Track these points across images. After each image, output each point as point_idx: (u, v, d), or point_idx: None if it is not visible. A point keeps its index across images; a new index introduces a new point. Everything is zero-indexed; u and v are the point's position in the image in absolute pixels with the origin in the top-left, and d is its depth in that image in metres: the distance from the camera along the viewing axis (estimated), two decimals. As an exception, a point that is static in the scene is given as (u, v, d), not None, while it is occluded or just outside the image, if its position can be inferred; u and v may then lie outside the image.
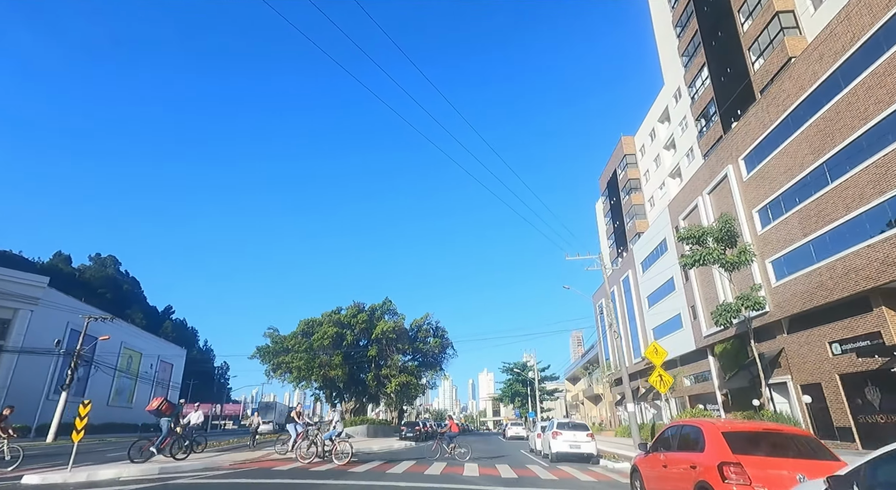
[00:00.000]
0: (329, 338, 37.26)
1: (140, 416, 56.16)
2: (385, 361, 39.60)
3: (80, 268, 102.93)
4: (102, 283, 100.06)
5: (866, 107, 16.32)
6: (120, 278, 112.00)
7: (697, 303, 29.27)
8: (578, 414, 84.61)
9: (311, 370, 36.12)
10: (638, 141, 43.69)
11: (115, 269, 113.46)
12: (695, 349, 30.46)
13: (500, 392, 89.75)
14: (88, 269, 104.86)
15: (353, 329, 38.96)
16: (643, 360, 36.21)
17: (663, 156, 38.48)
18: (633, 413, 22.21)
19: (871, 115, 16.11)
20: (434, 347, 41.90)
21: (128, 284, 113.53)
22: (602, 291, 53.21)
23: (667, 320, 34.75)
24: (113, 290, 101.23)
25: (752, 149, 23.04)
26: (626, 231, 44.43)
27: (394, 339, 38.83)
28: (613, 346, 47.66)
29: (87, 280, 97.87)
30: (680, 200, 31.25)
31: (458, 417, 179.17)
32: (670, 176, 37.69)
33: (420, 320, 42.07)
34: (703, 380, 30.61)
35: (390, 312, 41.26)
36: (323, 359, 37.06)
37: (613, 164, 46.89)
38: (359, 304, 41.23)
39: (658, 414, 40.90)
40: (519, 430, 37.94)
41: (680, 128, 35.46)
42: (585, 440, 16.12)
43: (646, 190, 42.17)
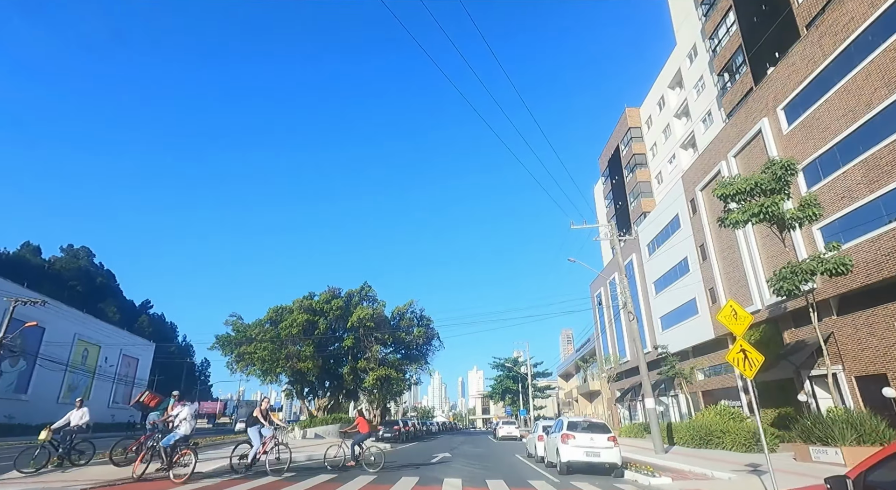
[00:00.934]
0: (298, 326, 32.93)
1: (99, 414, 51.26)
2: (363, 353, 35.38)
3: (51, 259, 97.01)
4: (74, 276, 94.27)
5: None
6: (94, 270, 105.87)
7: (718, 284, 25.54)
8: (571, 412, 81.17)
9: (277, 362, 31.78)
10: (644, 113, 39.95)
11: (88, 260, 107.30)
12: (713, 338, 26.76)
13: (489, 389, 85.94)
14: (59, 261, 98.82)
15: (326, 316, 34.67)
16: (654, 351, 32.48)
17: (674, 125, 34.74)
18: (653, 410, 18.32)
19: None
20: (418, 338, 37.76)
21: (102, 277, 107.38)
22: (601, 280, 49.52)
23: (678, 307, 31.04)
24: (85, 283, 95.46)
25: (797, 94, 19.26)
26: (629, 212, 40.71)
27: (372, 328, 34.62)
28: (614, 337, 43.98)
29: (58, 272, 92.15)
30: (697, 169, 27.48)
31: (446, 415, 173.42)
32: (682, 147, 33.96)
33: (403, 308, 37.88)
34: (722, 373, 26.91)
35: (369, 299, 37.03)
36: (291, 349, 32.73)
37: (616, 140, 43.15)
38: (334, 289, 36.94)
39: (665, 411, 37.24)
40: (511, 430, 33.99)
41: (695, 91, 31.70)
42: (606, 445, 12.14)
43: (652, 166, 38.45)
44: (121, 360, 60.88)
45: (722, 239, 25.31)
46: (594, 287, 52.18)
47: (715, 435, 18.77)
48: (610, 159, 44.51)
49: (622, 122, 41.41)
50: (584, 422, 12.94)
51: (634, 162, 39.16)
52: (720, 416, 21.20)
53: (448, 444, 28.08)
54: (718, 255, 25.71)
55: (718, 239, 25.67)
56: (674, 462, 14.27)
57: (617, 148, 42.80)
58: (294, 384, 36.35)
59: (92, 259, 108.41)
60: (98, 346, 55.09)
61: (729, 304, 9.00)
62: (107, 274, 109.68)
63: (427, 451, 21.62)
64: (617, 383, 44.34)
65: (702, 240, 27.33)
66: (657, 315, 34.57)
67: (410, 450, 22.56)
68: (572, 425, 12.73)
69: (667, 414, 33.87)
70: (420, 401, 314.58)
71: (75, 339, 50.23)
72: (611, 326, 45.43)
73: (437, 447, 24.79)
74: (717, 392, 27.66)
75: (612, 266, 44.87)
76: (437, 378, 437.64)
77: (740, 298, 23.75)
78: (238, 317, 35.01)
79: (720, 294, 25.38)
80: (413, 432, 36.83)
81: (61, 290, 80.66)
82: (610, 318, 45.58)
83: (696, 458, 15.24)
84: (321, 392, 37.58)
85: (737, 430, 17.59)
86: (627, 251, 40.12)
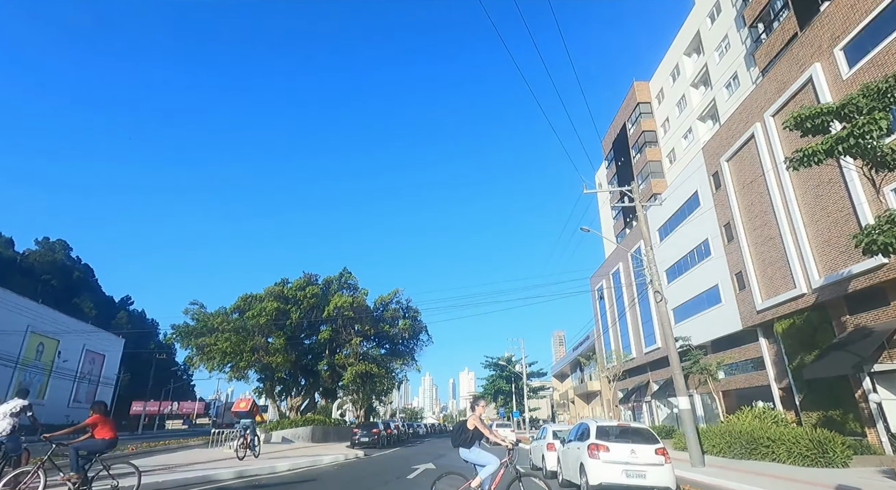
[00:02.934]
0: (267, 315, 29.01)
1: (54, 414, 46.77)
2: (342, 347, 31.54)
3: (25, 252, 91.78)
4: (48, 269, 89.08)
5: None
6: (70, 265, 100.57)
7: (748, 267, 22.10)
8: (567, 414, 77.68)
9: (241, 355, 27.82)
10: (654, 86, 36.62)
11: (64, 254, 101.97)
12: (740, 330, 23.31)
13: (481, 389, 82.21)
14: (33, 254, 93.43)
15: (300, 305, 30.77)
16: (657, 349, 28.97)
17: (691, 96, 31.37)
18: (689, 411, 14.72)
19: None
20: (404, 331, 33.98)
21: (79, 271, 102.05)
22: (603, 272, 46.09)
23: (695, 296, 27.61)
24: (60, 277, 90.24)
25: (862, 29, 15.86)
26: (636, 196, 37.27)
27: (352, 319, 30.82)
28: (618, 333, 40.51)
29: (31, 265, 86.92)
30: (722, 138, 24.05)
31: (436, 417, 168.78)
32: (700, 119, 30.60)
33: (387, 297, 34.07)
34: (750, 370, 23.45)
35: (349, 287, 33.18)
36: (258, 341, 28.79)
37: (623, 118, 39.77)
38: (310, 276, 33.05)
39: (673, 414, 33.82)
40: (507, 434, 30.27)
41: (717, 54, 28.35)
42: (654, 461, 8.52)
43: (664, 143, 35.10)
44: (83, 357, 56.31)
45: (753, 214, 21.88)
46: (594, 281, 48.77)
47: (761, 443, 15.22)
48: (615, 140, 41.13)
49: (629, 98, 38.03)
50: (619, 427, 9.28)
51: (643, 140, 35.76)
52: (760, 419, 17.71)
53: (434, 450, 24.37)
54: (749, 233, 22.28)
55: (749, 215, 22.25)
56: (725, 480, 10.70)
57: (623, 127, 39.41)
58: (263, 381, 32.40)
59: (69, 253, 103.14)
60: (56, 341, 50.54)
61: None
62: (84, 268, 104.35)
63: (407, 460, 17.90)
64: (620, 383, 40.86)
65: (727, 217, 23.91)
66: (670, 306, 31.09)
67: (388, 458, 18.81)
68: (603, 432, 9.03)
69: (675, 416, 30.37)
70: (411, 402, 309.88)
71: (28, 332, 45.71)
72: (614, 326, 41.99)
73: (420, 454, 21.06)
74: (743, 391, 24.21)
75: (614, 258, 41.45)
76: (427, 379, 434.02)
77: (777, 282, 20.34)
78: (200, 305, 30.98)
79: (751, 278, 21.93)
80: (396, 436, 33.03)
81: (34, 284, 75.87)
82: (613, 316, 42.13)
83: (750, 474, 11.69)
84: (295, 390, 33.61)
85: (792, 439, 14.03)
86: (633, 238, 36.66)
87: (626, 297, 38.10)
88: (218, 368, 28.20)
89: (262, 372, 31.48)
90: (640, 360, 36.62)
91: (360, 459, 17.31)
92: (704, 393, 28.30)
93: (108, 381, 61.42)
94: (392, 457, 19.60)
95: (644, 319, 35.19)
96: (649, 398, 36.09)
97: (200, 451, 17.44)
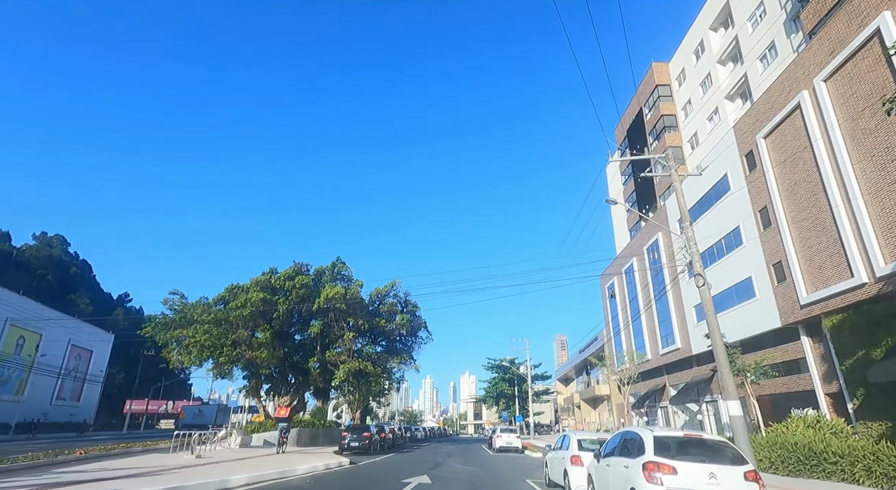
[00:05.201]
0: (252, 306, 26.50)
1: (32, 412, 44.39)
2: (333, 343, 29.01)
3: (22, 247, 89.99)
4: (44, 264, 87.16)
5: None
6: (67, 260, 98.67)
7: (790, 255, 19.48)
8: (572, 419, 74.81)
9: (220, 349, 25.30)
10: (675, 67, 34.08)
11: (62, 249, 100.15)
12: (779, 327, 20.66)
13: (483, 392, 79.51)
14: (29, 249, 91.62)
15: (288, 296, 28.25)
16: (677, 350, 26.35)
17: (717, 74, 28.81)
18: (741, 418, 12.11)
19: None
20: (401, 327, 31.41)
21: (76, 267, 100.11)
22: (613, 270, 43.46)
23: (724, 291, 24.96)
24: (56, 273, 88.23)
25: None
26: (654, 186, 34.70)
27: (345, 312, 28.28)
28: (630, 334, 37.83)
29: (27, 260, 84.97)
30: (760, 111, 21.48)
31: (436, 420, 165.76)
32: (728, 97, 28.02)
33: (383, 290, 31.51)
34: (794, 372, 20.76)
35: (343, 278, 30.66)
36: (241, 334, 26.28)
37: (638, 104, 37.24)
38: (300, 265, 30.54)
39: (692, 421, 31.14)
40: (512, 439, 27.55)
41: (749, 24, 25.81)
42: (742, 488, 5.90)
43: (685, 128, 32.51)
44: (69, 352, 53.89)
45: (797, 195, 19.28)
46: (605, 279, 46.14)
47: (824, 459, 12.57)
48: (630, 128, 38.59)
49: (647, 81, 35.50)
50: (686, 439, 6.64)
51: (662, 125, 33.20)
52: (814, 429, 15.06)
53: (432, 457, 21.81)
54: (791, 217, 19.67)
55: (791, 196, 19.65)
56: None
57: (640, 112, 36.86)
58: (249, 379, 29.89)
59: (66, 248, 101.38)
60: (38, 335, 48.15)
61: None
62: (82, 264, 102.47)
63: (398, 470, 15.37)
64: (632, 386, 38.10)
65: (763, 201, 21.33)
66: (690, 304, 28.52)
67: (376, 468, 16.25)
68: (663, 445, 6.41)
69: (696, 424, 27.72)
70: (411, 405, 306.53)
71: (6, 325, 43.37)
72: (626, 327, 39.35)
73: (415, 462, 18.50)
74: (779, 397, 21.54)
75: (627, 253, 38.83)
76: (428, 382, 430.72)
77: (827, 272, 17.72)
78: (181, 295, 28.52)
79: (793, 269, 19.30)
80: (392, 440, 30.45)
81: (29, 279, 73.98)
82: (626, 316, 39.46)
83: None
84: (283, 389, 31.05)
85: (871, 455, 11.39)
86: (650, 231, 34.08)
87: (641, 295, 35.48)
88: (195, 363, 25.69)
89: (248, 368, 28.99)
90: (655, 363, 33.97)
91: (343, 469, 14.75)
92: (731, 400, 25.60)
93: (94, 378, 59.04)
94: (382, 466, 17.03)
95: (661, 318, 32.55)
96: (666, 403, 33.40)
97: (152, 457, 14.92)
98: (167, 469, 11.14)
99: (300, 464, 13.64)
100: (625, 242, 41.67)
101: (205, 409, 54.00)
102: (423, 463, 18.67)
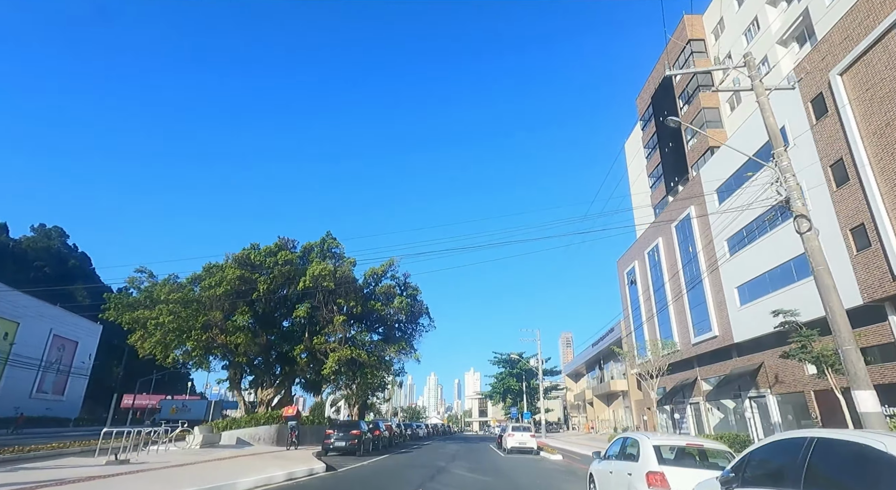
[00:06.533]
0: (227, 285, 22.98)
1: (4, 406, 41.30)
2: (322, 328, 25.47)
3: (20, 238, 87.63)
4: (41, 256, 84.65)
5: None
6: (66, 252, 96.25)
7: (879, 215, 15.67)
8: (583, 416, 71.04)
9: (188, 333, 21.79)
10: (710, 19, 30.07)
11: (60, 241, 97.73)
12: (859, 304, 16.83)
13: (489, 388, 75.89)
14: (27, 240, 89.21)
15: (269, 274, 24.71)
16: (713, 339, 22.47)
17: (767, 16, 24.80)
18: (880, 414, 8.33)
19: None
20: (400, 312, 27.78)
21: (75, 259, 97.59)
22: (630, 256, 39.66)
23: (777, 267, 21.17)
24: (54, 265, 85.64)
25: None
26: (685, 154, 30.78)
27: (334, 293, 24.72)
28: (654, 323, 33.99)
29: (23, 252, 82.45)
30: (834, 43, 17.59)
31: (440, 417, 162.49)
32: (781, 42, 24.04)
33: (379, 270, 27.85)
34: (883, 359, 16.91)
35: (333, 256, 27.03)
36: (214, 316, 22.77)
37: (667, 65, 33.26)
38: (285, 240, 27.00)
39: (726, 419, 27.36)
40: (526, 439, 23.69)
41: (810, -50, 21.80)
42: None
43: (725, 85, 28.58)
44: (50, 343, 50.79)
45: (890, 140, 15.42)
46: (623, 264, 42.32)
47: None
48: (654, 94, 34.64)
49: (677, 37, 31.51)
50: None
51: (696, 84, 29.25)
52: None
53: (433, 460, 18.25)
54: (879, 167, 15.84)
55: (881, 141, 15.79)
56: None
57: (667, 74, 32.82)
58: (228, 369, 26.44)
59: (65, 240, 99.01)
60: (15, 323, 45.03)
61: None
62: (81, 256, 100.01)
63: (390, 478, 11.79)
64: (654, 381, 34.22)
65: (838, 152, 17.49)
66: (732, 283, 24.69)
67: (361, 476, 12.67)
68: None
69: (732, 424, 23.93)
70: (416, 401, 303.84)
71: (-22, 312, 40.23)
72: (650, 318, 35.55)
73: (410, 469, 14.92)
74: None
75: (652, 233, 34.97)
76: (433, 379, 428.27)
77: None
78: (148, 273, 25.07)
79: (884, 231, 15.47)
80: (388, 439, 26.93)
81: (26, 270, 71.52)
82: (650, 305, 35.63)
83: None
84: (268, 380, 27.56)
85: None
86: (680, 205, 30.21)
87: (669, 278, 31.64)
88: (158, 350, 22.18)
89: (225, 357, 25.54)
90: (685, 353, 30.14)
91: (311, 481, 11.16)
92: (783, 394, 21.86)
93: (80, 372, 56.00)
94: (368, 474, 13.43)
95: (694, 302, 28.72)
96: (698, 399, 29.62)
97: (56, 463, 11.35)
98: (51, 484, 7.63)
99: (252, 473, 10.08)
100: (647, 222, 37.78)
101: (192, 404, 50.70)
102: (420, 469, 15.10)
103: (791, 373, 20.89)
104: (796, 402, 21.05)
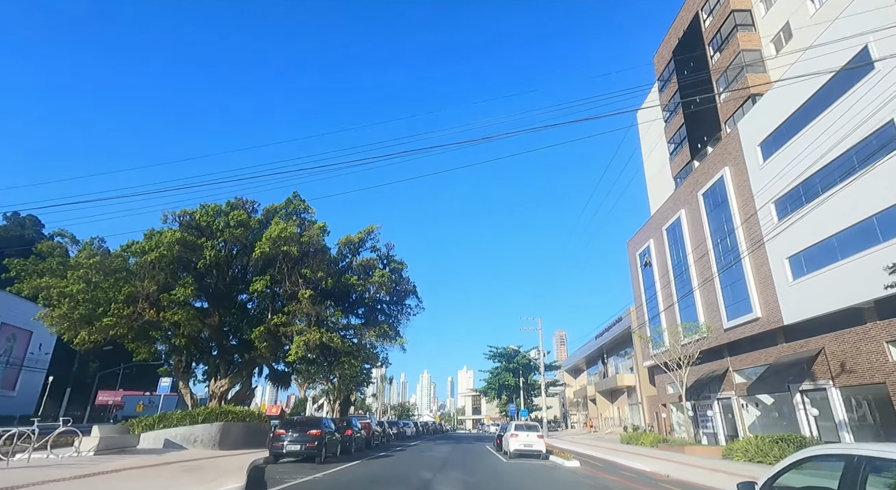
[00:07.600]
0: (164, 249, 18.34)
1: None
2: (283, 303, 20.91)
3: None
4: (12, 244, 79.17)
5: None
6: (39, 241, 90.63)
7: None
8: (584, 414, 66.96)
9: (107, 306, 17.15)
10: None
11: (35, 231, 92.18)
12: None
13: (483, 384, 71.52)
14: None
15: (217, 238, 20.08)
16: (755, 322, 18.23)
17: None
18: None
19: None
20: (381, 288, 23.24)
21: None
22: (643, 235, 35.43)
23: (848, 228, 16.92)
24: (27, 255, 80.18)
25: None
26: (716, 110, 26.47)
27: (300, 261, 20.18)
28: (675, 308, 29.72)
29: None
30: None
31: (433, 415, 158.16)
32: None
33: (356, 238, 23.20)
34: None
35: (301, 221, 22.32)
36: (145, 287, 18.14)
37: (693, 7, 28.87)
38: (242, 201, 22.30)
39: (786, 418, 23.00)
40: (533, 441, 19.07)
41: None
42: None
43: (765, 23, 24.27)
44: (-2, 332, 45.70)
45: None
46: (634, 245, 38.10)
47: None
48: (677, 46, 30.29)
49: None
50: None
51: (731, 25, 24.93)
52: None
53: (417, 469, 13.81)
54: None
55: None
56: None
57: (695, 18, 28.50)
58: (168, 354, 21.82)
59: (40, 230, 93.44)
60: (-46, 309, 39.96)
61: None
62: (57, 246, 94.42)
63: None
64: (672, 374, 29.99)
65: (953, 65, 13.17)
66: (782, 254, 20.43)
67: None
68: None
69: (783, 424, 19.71)
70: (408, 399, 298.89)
71: None
72: (669, 307, 31.32)
73: (385, 484, 10.44)
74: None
75: (671, 205, 30.73)
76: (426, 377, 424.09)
77: None
78: (70, 237, 20.36)
79: None
80: (366, 440, 22.45)
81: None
82: (669, 283, 31.41)
83: None
84: (222, 370, 22.87)
85: None
86: (710, 169, 25.96)
87: (691, 245, 27.40)
88: (63, 326, 17.54)
89: (164, 340, 20.89)
90: (713, 341, 25.86)
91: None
92: (847, 386, 17.67)
93: (34, 365, 50.85)
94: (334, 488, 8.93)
95: (727, 281, 24.46)
96: (729, 394, 25.42)
97: None
98: None
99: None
100: (663, 197, 33.55)
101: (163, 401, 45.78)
102: (396, 485, 10.64)
103: (866, 359, 16.68)
104: (875, 396, 16.82)
